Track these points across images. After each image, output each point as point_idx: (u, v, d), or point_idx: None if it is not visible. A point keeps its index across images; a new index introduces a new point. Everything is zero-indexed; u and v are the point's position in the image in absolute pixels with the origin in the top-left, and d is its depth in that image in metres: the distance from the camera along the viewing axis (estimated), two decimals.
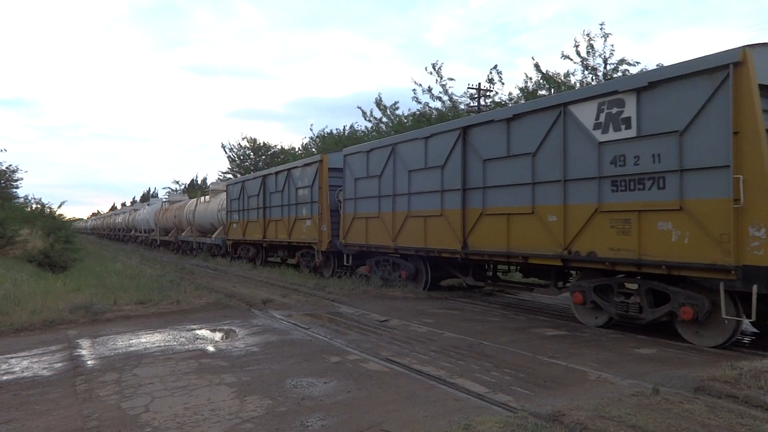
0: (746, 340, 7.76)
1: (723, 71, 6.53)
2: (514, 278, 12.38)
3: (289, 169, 17.69)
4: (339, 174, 15.24)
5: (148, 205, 44.05)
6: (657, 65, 18.69)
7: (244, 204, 21.16)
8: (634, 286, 7.86)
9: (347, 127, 37.98)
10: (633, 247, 7.44)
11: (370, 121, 34.29)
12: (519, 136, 9.33)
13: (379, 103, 33.15)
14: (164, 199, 40.39)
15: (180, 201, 34.90)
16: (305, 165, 16.65)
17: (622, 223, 7.60)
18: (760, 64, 6.41)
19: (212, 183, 29.11)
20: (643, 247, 7.33)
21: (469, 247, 10.37)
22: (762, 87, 6.43)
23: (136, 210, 48.38)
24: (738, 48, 6.45)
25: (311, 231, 15.88)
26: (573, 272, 9.70)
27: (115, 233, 57.75)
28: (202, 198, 28.47)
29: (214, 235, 25.08)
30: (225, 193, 24.64)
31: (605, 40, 23.15)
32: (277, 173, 18.61)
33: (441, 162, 11.09)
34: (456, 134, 10.70)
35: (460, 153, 10.57)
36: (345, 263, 14.88)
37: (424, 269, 12.46)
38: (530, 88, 25.98)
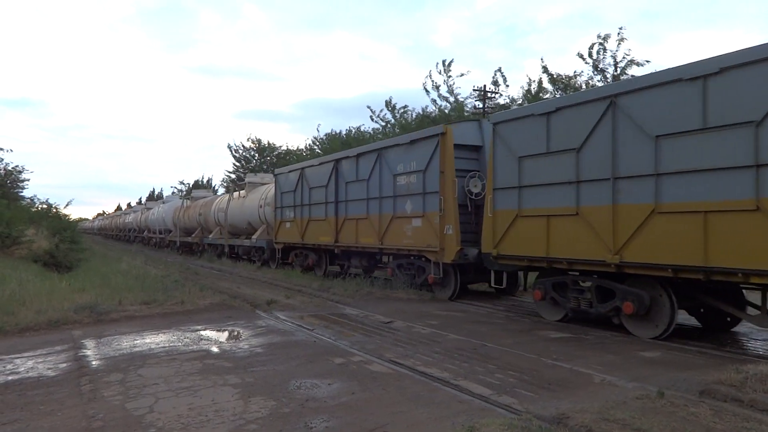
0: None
1: None
2: None
3: (380, 150, 13.40)
4: (471, 154, 11.80)
5: (164, 202, 39.79)
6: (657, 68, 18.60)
7: (304, 197, 17.10)
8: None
9: (354, 129, 38.00)
10: None
11: (376, 122, 34.33)
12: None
13: (388, 103, 33.19)
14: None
15: (205, 197, 31.09)
16: (411, 142, 12.31)
17: None
18: None
19: (249, 175, 24.97)
20: None
21: None
22: None
23: (149, 209, 43.73)
24: None
25: (423, 234, 11.78)
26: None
27: (124, 234, 54.00)
28: (236, 193, 24.48)
29: (254, 237, 20.97)
30: (266, 186, 21.66)
31: (619, 44, 23.12)
32: (359, 156, 14.31)
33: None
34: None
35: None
36: (493, 284, 10.85)
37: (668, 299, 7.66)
38: (533, 90, 25.96)
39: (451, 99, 30.63)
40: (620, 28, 25.84)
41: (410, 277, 12.73)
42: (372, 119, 34.50)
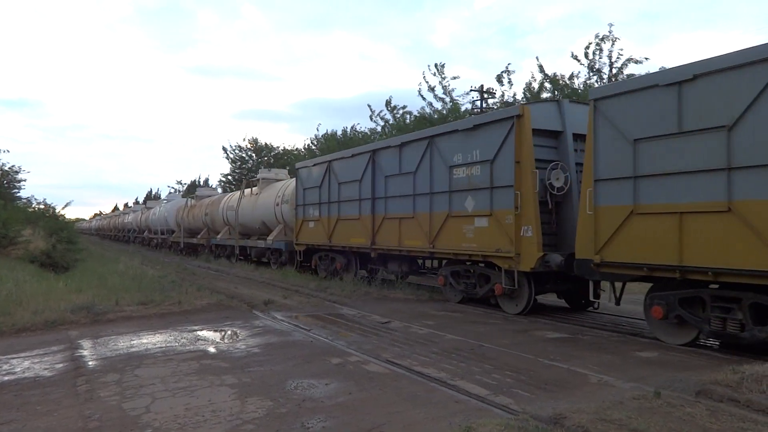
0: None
1: None
2: None
3: (431, 138, 11.43)
4: (549, 141, 9.94)
5: (166, 201, 37.56)
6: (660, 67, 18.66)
7: (332, 194, 15.21)
8: None
9: (349, 128, 37.99)
10: None
11: (375, 121, 34.33)
12: None
13: (388, 103, 33.20)
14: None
15: (211, 196, 29.34)
16: (474, 128, 10.31)
17: None
18: None
19: (262, 170, 22.82)
20: None
21: None
22: None
23: (149, 208, 41.85)
24: None
25: (489, 236, 9.87)
26: None
27: (123, 235, 52.24)
28: (248, 189, 22.58)
29: (270, 237, 19.05)
30: (283, 182, 19.96)
31: (613, 44, 23.12)
32: (403, 146, 12.35)
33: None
34: None
35: None
36: (592, 297, 8.66)
37: None
38: (535, 89, 25.91)
39: (447, 100, 30.64)
40: (610, 25, 25.88)
41: (469, 286, 10.84)
42: (371, 119, 34.53)
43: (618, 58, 23.19)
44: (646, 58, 22.86)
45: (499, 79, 29.04)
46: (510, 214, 9.54)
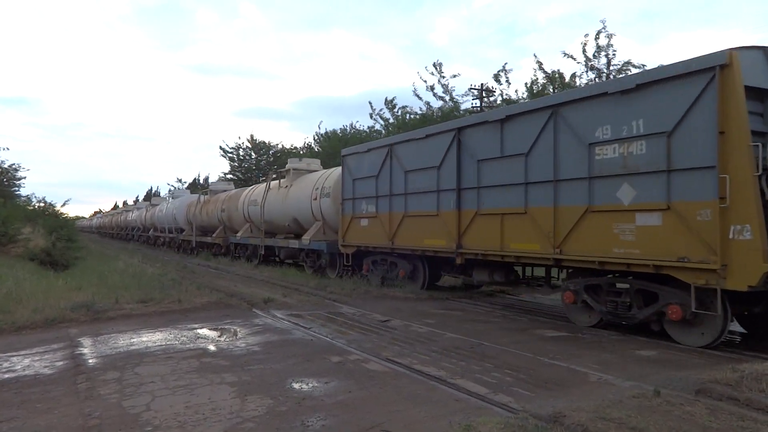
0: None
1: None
2: None
3: (555, 107, 8.71)
4: (756, 104, 7.13)
5: (173, 197, 35.70)
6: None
7: (395, 184, 12.58)
8: None
9: (348, 126, 37.99)
10: None
11: (375, 120, 34.33)
12: None
13: (388, 102, 33.20)
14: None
15: (226, 191, 26.72)
16: (636, 88, 7.59)
17: None
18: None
19: (292, 160, 20.18)
20: None
21: None
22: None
23: (154, 205, 39.59)
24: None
25: (665, 238, 7.23)
26: None
27: (126, 233, 50.08)
28: (275, 182, 19.98)
29: (307, 237, 16.51)
30: (321, 173, 17.66)
31: (609, 40, 23.06)
32: (506, 120, 9.62)
33: None
34: None
35: None
36: None
37: None
38: (535, 88, 25.87)
39: (447, 98, 30.62)
40: (602, 21, 25.75)
41: (618, 307, 8.08)
42: (371, 117, 34.52)
43: (614, 55, 23.14)
44: (643, 65, 22.69)
45: (497, 78, 29.06)
46: (707, 207, 6.83)
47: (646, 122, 7.52)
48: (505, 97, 29.06)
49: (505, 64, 49.20)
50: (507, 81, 29.44)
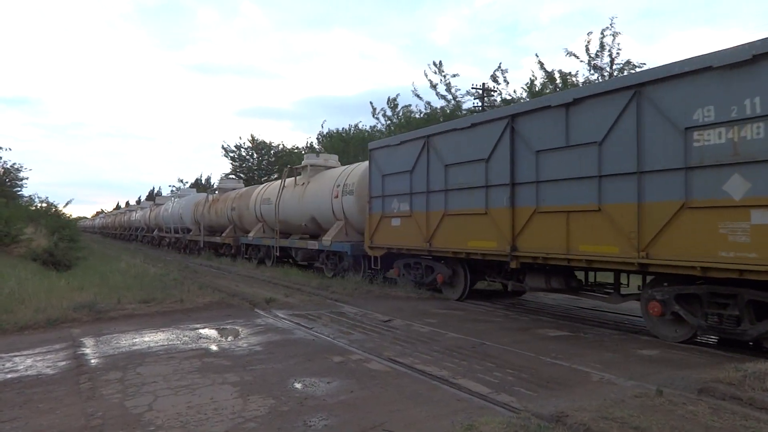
0: None
1: None
2: None
3: (639, 86, 7.57)
4: None
5: (179, 197, 34.84)
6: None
7: (433, 180, 11.33)
8: None
9: (352, 126, 38.05)
10: None
11: (377, 119, 34.37)
12: None
13: (390, 101, 33.23)
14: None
15: (236, 189, 25.90)
16: (754, 59, 6.33)
17: None
18: None
19: (308, 155, 19.04)
20: None
21: None
22: None
23: (158, 205, 38.90)
24: None
25: None
26: None
27: (130, 233, 49.35)
28: (290, 179, 19.15)
29: (328, 237, 15.42)
30: (342, 169, 16.47)
31: (614, 39, 23.03)
32: (574, 103, 8.42)
33: None
34: None
35: None
36: None
37: None
38: (536, 87, 25.85)
39: (449, 97, 30.62)
40: (611, 18, 25.73)
41: (723, 322, 6.88)
42: (373, 116, 34.53)
43: (618, 54, 23.12)
44: (643, 63, 22.66)
45: (494, 78, 29.13)
46: None
47: (765, 100, 6.27)
48: (504, 96, 29.07)
49: (500, 63, 49.66)
50: (505, 80, 29.50)
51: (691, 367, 5.97)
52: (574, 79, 24.42)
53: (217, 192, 26.84)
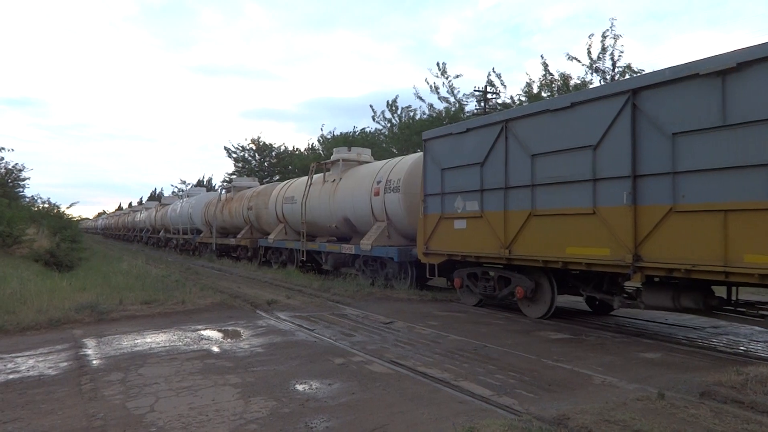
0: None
1: None
2: None
3: None
4: None
5: (188, 196, 33.40)
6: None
7: (514, 172, 9.41)
8: None
9: (357, 129, 38.10)
10: None
11: (378, 122, 34.41)
12: None
13: (390, 104, 33.26)
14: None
15: (251, 187, 24.44)
16: None
17: None
18: None
19: (338, 149, 17.39)
20: None
21: None
22: None
23: (165, 205, 37.78)
24: None
25: None
26: None
27: (134, 234, 48.61)
28: (317, 176, 17.69)
29: (367, 241, 13.69)
30: (381, 164, 14.88)
31: (615, 42, 23.07)
32: (737, 68, 6.47)
33: None
34: None
35: None
36: None
37: None
38: (534, 91, 25.90)
39: (452, 99, 30.66)
40: (611, 20, 25.80)
41: None
42: (374, 120, 34.59)
43: (620, 56, 23.14)
44: (642, 70, 22.68)
45: (491, 82, 29.29)
46: None
47: None
48: (503, 99, 29.17)
49: (493, 68, 50.28)
50: (502, 84, 29.64)
51: (693, 370, 5.96)
52: (575, 80, 24.44)
53: (225, 192, 25.59)
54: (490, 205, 9.97)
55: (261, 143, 46.26)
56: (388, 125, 33.67)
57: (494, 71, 30.48)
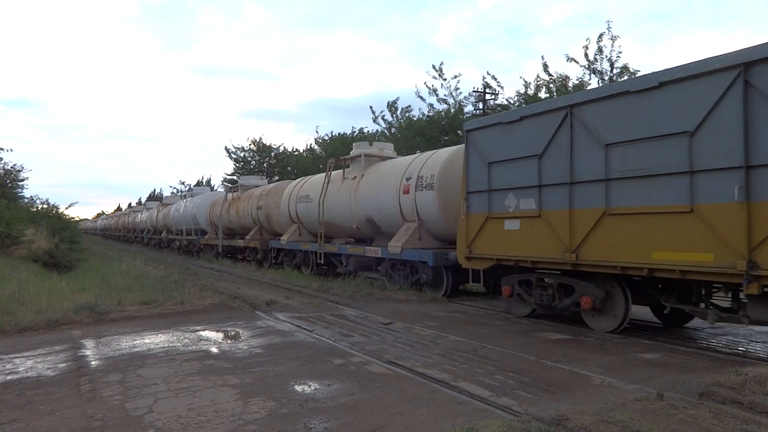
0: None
1: None
2: None
3: None
4: None
5: (191, 196, 32.39)
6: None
7: (581, 166, 8.10)
8: None
9: (356, 129, 38.10)
10: None
11: (378, 124, 34.43)
12: None
13: (390, 105, 33.26)
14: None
15: (259, 185, 23.35)
16: None
17: None
18: None
19: (359, 144, 16.63)
20: None
21: None
22: None
23: (167, 205, 36.47)
24: None
25: None
26: None
27: (135, 235, 47.77)
28: (336, 172, 16.56)
29: (397, 243, 12.61)
30: (409, 159, 13.80)
31: (613, 43, 23.10)
32: None
33: None
34: None
35: None
36: None
37: None
38: (530, 92, 25.94)
39: (451, 101, 30.68)
40: (607, 22, 25.88)
41: None
42: (374, 121, 34.60)
43: (618, 58, 23.16)
44: (638, 71, 22.68)
45: (487, 84, 29.39)
46: None
47: None
48: (500, 101, 29.23)
49: (488, 71, 50.51)
50: (499, 85, 29.78)
51: (692, 371, 5.96)
52: (572, 81, 24.49)
53: (238, 189, 24.39)
54: (550, 203, 8.63)
55: (261, 144, 46.34)
56: (388, 127, 33.67)
57: (489, 74, 30.72)
